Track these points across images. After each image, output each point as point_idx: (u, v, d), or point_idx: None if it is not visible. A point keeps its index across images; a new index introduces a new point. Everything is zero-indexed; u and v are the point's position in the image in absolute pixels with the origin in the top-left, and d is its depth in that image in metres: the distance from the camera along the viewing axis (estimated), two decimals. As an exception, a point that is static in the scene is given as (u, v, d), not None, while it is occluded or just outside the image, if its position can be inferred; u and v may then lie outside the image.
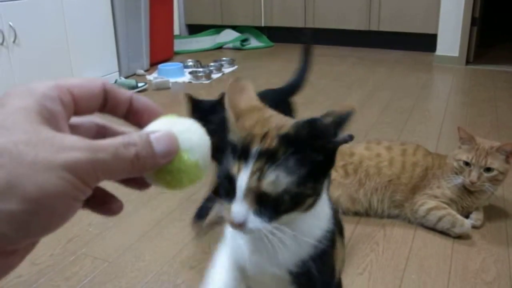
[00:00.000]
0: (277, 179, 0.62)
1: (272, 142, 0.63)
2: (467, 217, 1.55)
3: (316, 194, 0.67)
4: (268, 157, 0.62)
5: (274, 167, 0.62)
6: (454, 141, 2.19)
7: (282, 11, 4.57)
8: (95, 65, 3.17)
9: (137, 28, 3.56)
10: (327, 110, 0.63)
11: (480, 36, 4.06)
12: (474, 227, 1.53)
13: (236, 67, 3.75)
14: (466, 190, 1.54)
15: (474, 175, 1.48)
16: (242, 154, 0.63)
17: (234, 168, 0.63)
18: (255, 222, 0.63)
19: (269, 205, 0.63)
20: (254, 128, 0.65)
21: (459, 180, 1.52)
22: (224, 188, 0.65)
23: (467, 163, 1.51)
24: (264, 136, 0.64)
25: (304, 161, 0.63)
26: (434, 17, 3.91)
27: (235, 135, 0.66)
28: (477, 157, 1.50)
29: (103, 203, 0.43)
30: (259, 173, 0.62)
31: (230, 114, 0.67)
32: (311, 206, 0.67)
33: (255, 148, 0.63)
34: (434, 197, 1.55)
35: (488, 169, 1.49)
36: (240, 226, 0.63)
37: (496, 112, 2.65)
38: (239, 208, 0.63)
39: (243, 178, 0.62)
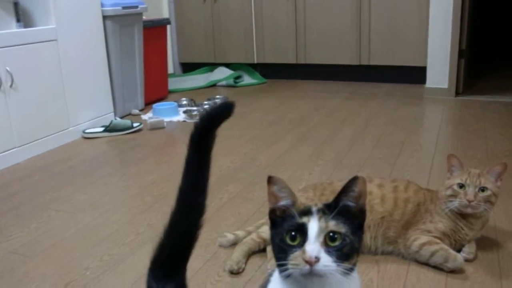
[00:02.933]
0: (338, 222, 0.83)
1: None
2: (459, 251, 1.57)
3: (359, 249, 0.85)
4: (324, 211, 0.84)
5: (331, 215, 0.83)
6: (445, 175, 2.23)
7: (273, 48, 4.65)
8: (91, 106, 3.22)
9: (131, 68, 3.62)
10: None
11: (468, 67, 4.14)
12: (467, 260, 1.55)
13: (230, 104, 3.80)
14: (461, 217, 1.56)
15: (470, 192, 1.51)
16: (307, 212, 0.84)
17: (304, 219, 0.83)
18: (327, 259, 0.79)
19: (335, 248, 0.81)
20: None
21: (455, 203, 1.54)
22: (292, 239, 0.82)
23: (461, 186, 1.54)
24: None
25: (346, 215, 0.84)
26: (422, 50, 3.99)
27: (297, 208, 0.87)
28: (470, 177, 1.53)
29: None
30: (324, 219, 0.83)
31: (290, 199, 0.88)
32: (355, 263, 0.84)
33: (314, 208, 0.85)
34: (427, 232, 1.57)
35: (483, 189, 1.52)
36: (314, 262, 0.78)
37: (486, 144, 2.69)
38: (313, 246, 0.80)
39: (313, 222, 0.82)
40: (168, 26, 4.74)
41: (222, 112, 0.93)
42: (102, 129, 3.14)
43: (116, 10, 3.37)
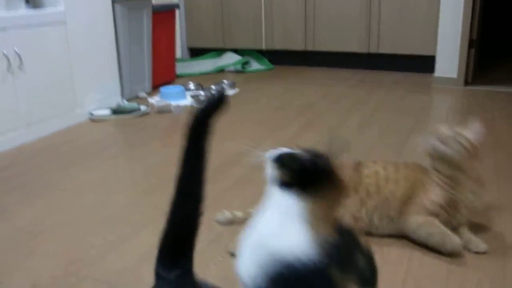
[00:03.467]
0: None
1: None
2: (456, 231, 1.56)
3: None
4: None
5: None
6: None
7: (282, 34, 4.63)
8: (98, 88, 3.22)
9: (139, 51, 3.62)
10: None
11: (478, 57, 4.11)
12: (477, 252, 1.53)
13: (237, 90, 3.80)
14: (448, 175, 1.58)
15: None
16: None
17: None
18: None
19: None
20: None
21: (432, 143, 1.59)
22: None
23: None
24: None
25: None
26: (432, 39, 3.96)
27: None
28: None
29: None
30: None
31: None
32: None
33: None
34: (423, 208, 1.56)
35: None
36: None
37: (494, 133, 2.67)
38: None
39: None
40: (177, 11, 4.73)
41: (216, 104, 0.93)
42: (109, 111, 3.15)
43: (124, -7, 3.36)
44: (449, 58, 3.78)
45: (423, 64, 4.19)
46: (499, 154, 2.37)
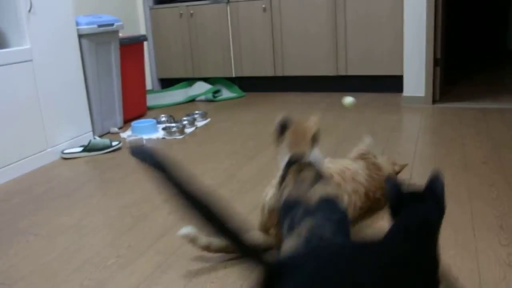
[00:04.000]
0: None
1: None
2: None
3: None
4: None
5: None
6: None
7: (251, 61, 4.67)
8: (69, 126, 3.19)
9: (109, 86, 3.60)
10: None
11: (444, 75, 4.20)
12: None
13: (209, 120, 3.80)
14: None
15: None
16: None
17: None
18: None
19: None
20: None
21: None
22: None
23: None
24: None
25: None
26: (399, 59, 4.04)
27: None
28: None
29: None
30: None
31: None
32: None
33: None
34: None
35: None
36: None
37: (463, 151, 2.72)
38: None
39: None
40: (145, 43, 4.74)
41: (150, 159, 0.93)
42: (81, 149, 3.12)
43: (91, 29, 3.36)
44: (416, 77, 3.85)
45: (392, 84, 4.26)
46: (469, 173, 2.41)
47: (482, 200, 2.09)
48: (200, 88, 4.73)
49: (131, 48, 3.89)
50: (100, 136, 3.44)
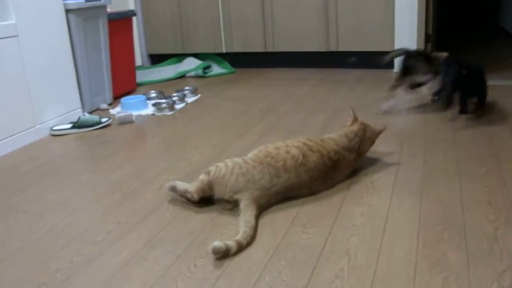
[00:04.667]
0: None
1: None
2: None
3: None
4: None
5: None
6: (416, 159, 2.26)
7: (242, 37, 4.63)
8: (58, 102, 3.16)
9: (98, 62, 3.57)
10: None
11: (435, 51, 4.18)
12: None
13: (199, 96, 3.78)
14: None
15: None
16: None
17: None
18: None
19: None
20: None
21: None
22: None
23: None
24: None
25: None
26: (389, 34, 4.02)
27: None
28: None
29: None
30: None
31: None
32: None
33: None
34: None
35: None
36: None
37: (452, 126, 2.72)
38: None
39: None
40: (134, 18, 4.68)
41: None
42: (70, 125, 3.10)
43: (79, 3, 3.31)
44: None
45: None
46: (459, 148, 2.41)
47: (471, 176, 2.10)
48: (190, 64, 4.70)
49: (119, 23, 3.84)
50: (90, 113, 3.42)
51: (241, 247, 1.61)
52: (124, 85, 3.95)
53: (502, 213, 1.77)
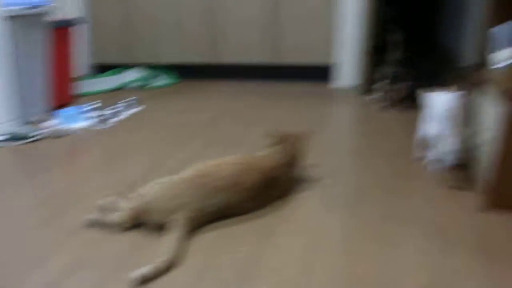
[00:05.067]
0: None
1: None
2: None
3: None
4: None
5: None
6: (356, 173, 2.27)
7: (186, 47, 4.59)
8: (-11, 114, 3.04)
9: (34, 71, 3.44)
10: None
11: (377, 65, 4.25)
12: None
13: (141, 107, 3.71)
14: None
15: None
16: None
17: None
18: None
19: None
20: None
21: None
22: None
23: None
24: None
25: None
26: (332, 48, 4.06)
27: None
28: None
29: None
30: None
31: None
32: None
33: None
34: None
35: None
36: None
37: (389, 142, 2.76)
38: None
39: None
40: (78, 27, 4.57)
41: None
42: (3, 137, 2.97)
43: (17, 10, 3.19)
44: (349, 67, 3.89)
45: (326, 73, 4.28)
46: (394, 164, 2.44)
47: (396, 192, 2.13)
48: (133, 75, 4.61)
49: (61, 32, 3.72)
50: (24, 125, 3.29)
51: (164, 270, 1.56)
52: (62, 96, 3.83)
53: (428, 228, 1.79)
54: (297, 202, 2.04)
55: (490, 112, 2.16)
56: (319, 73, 4.35)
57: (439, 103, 2.22)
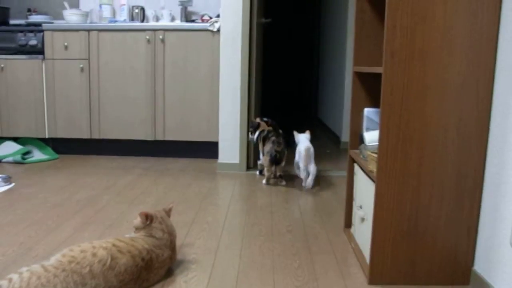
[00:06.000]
0: None
1: None
2: None
3: None
4: None
5: None
6: (233, 254, 2.24)
7: (66, 122, 4.44)
8: None
9: None
10: None
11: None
12: None
13: (12, 184, 3.49)
14: None
15: None
16: None
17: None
18: None
19: None
20: None
21: None
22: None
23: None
24: None
25: None
26: (215, 126, 4.12)
27: None
28: None
29: None
30: None
31: None
32: None
33: None
34: None
35: None
36: None
37: (271, 219, 2.79)
38: None
39: None
40: None
41: None
42: None
43: None
44: (231, 145, 3.94)
45: (209, 150, 4.32)
46: (275, 241, 2.46)
47: (285, 270, 2.13)
48: (9, 149, 4.37)
49: None
50: None
51: None
52: None
53: (310, 309, 1.79)
54: (178, 285, 1.97)
55: (367, 188, 2.27)
56: (203, 150, 4.37)
57: (302, 139, 3.60)
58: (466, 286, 2.00)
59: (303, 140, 3.56)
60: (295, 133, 3.69)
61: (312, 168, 3.44)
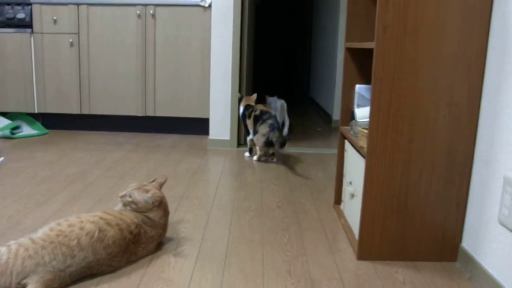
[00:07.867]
0: None
1: None
2: None
3: None
4: None
5: None
6: (222, 229, 2.25)
7: (56, 97, 4.40)
8: None
9: None
10: None
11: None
12: None
13: (2, 159, 3.46)
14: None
15: None
16: None
17: None
18: None
19: None
20: None
21: None
22: None
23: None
24: None
25: None
26: (206, 102, 4.10)
27: None
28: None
29: None
30: None
31: None
32: None
33: None
34: None
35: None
36: None
37: (261, 195, 2.79)
38: None
39: None
40: None
41: None
42: None
43: None
44: (222, 121, 3.93)
45: (199, 126, 4.30)
46: (265, 217, 2.46)
47: (274, 245, 2.14)
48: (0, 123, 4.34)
49: None
50: None
51: None
52: None
53: (300, 282, 1.80)
54: (167, 259, 1.98)
55: (358, 165, 2.27)
56: (194, 126, 4.36)
57: (274, 99, 4.56)
58: (454, 263, 2.02)
59: (274, 100, 4.55)
60: (267, 96, 4.72)
61: (286, 119, 4.51)
